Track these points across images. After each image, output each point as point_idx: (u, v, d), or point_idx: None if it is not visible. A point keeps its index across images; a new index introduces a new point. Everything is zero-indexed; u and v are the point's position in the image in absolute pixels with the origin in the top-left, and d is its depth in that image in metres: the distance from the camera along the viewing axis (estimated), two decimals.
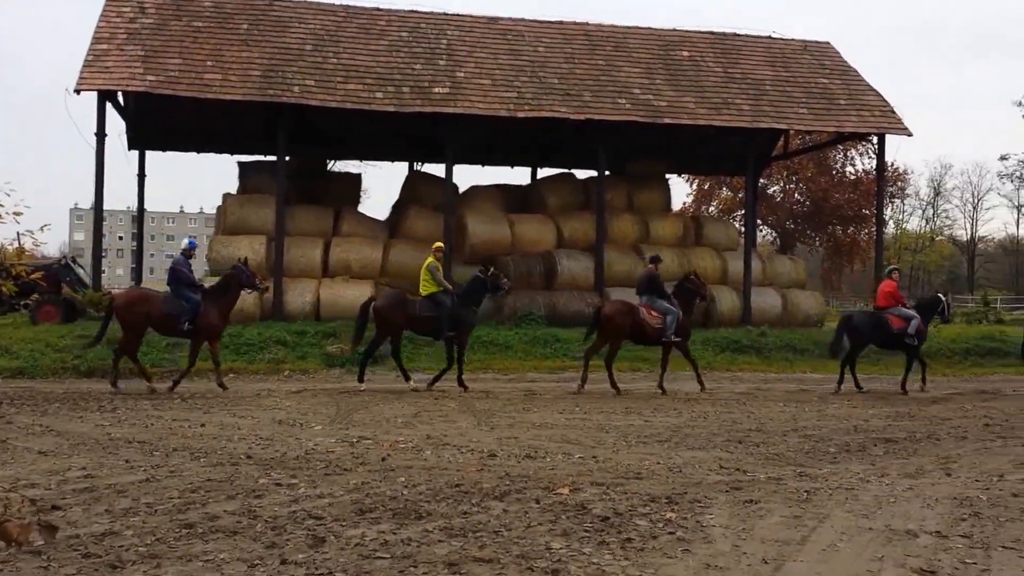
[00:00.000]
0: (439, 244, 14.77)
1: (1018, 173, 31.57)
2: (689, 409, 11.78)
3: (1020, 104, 28.77)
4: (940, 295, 16.35)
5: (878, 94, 24.11)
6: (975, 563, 5.08)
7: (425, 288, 13.85)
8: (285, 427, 9.69)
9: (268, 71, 20.48)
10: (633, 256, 23.18)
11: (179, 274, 13.25)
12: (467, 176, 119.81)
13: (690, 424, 10.38)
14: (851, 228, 45.71)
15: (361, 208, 25.69)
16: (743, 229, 31.18)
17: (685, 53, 23.87)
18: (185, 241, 13.84)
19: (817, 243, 48.87)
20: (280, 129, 20.60)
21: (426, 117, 20.90)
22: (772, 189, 46.78)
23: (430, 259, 14.01)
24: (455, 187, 23.09)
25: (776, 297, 23.73)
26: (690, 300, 14.22)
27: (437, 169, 25.14)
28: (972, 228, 69.10)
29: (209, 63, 20.40)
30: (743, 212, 35.16)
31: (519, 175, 42.41)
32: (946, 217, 68.67)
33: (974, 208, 68.78)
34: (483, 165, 28.98)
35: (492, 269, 14.68)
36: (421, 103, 20.44)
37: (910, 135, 23.25)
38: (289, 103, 20.06)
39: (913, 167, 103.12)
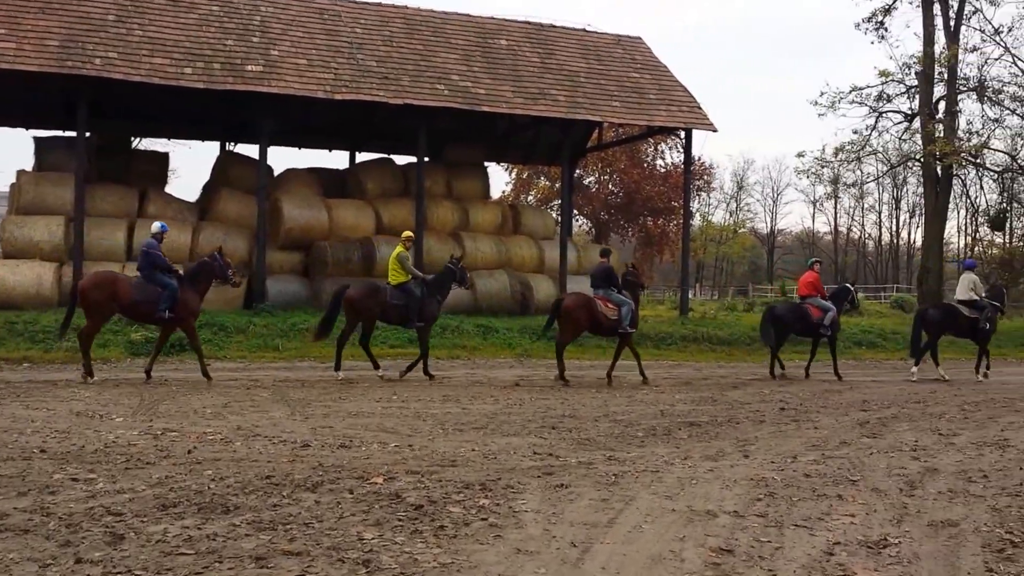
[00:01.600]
0: (409, 233, 14.66)
1: (813, 170, 33.78)
2: (506, 396, 11.90)
3: (816, 104, 30.56)
4: (848, 285, 17.34)
5: (686, 90, 25.18)
6: (769, 541, 5.31)
7: (395, 277, 13.80)
8: (83, 419, 9.09)
9: (67, 41, 19.11)
10: (452, 243, 23.23)
11: (154, 258, 12.59)
12: (282, 158, 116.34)
13: (506, 411, 10.47)
14: (661, 219, 47.65)
15: (168, 189, 24.68)
16: (559, 218, 31.89)
17: (503, 42, 24.09)
18: (156, 225, 13.23)
19: (630, 233, 50.68)
20: (80, 103, 19.31)
21: (239, 96, 20.11)
22: (587, 180, 48.09)
23: (400, 249, 13.95)
24: (269, 169, 22.39)
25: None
26: (635, 292, 14.62)
27: (251, 150, 24.33)
28: (772, 221, 73.81)
29: (2, 31, 18.85)
30: (560, 202, 35.96)
31: (337, 159, 41.56)
32: (748, 210, 73.01)
33: (774, 202, 73.50)
34: (299, 147, 28.20)
35: (461, 261, 14.73)
36: (233, 81, 19.63)
37: (715, 131, 24.46)
38: (90, 76, 18.81)
39: (718, 162, 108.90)
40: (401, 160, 25.88)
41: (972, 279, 16.79)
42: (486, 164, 27.46)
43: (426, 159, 22.92)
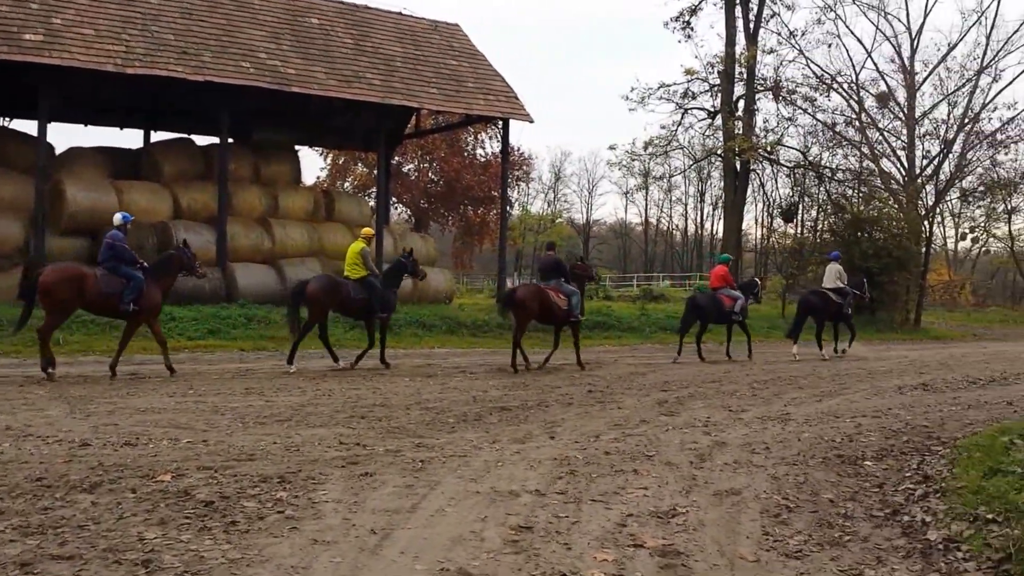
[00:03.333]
0: (369, 230, 15.23)
1: (623, 162, 34.99)
2: (314, 387, 11.56)
3: (627, 99, 31.59)
4: (756, 279, 19.47)
5: (503, 80, 25.36)
6: (567, 516, 5.43)
7: (355, 272, 14.14)
8: None
9: None
10: (259, 230, 22.40)
11: (119, 250, 12.29)
12: (66, 136, 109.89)
13: (314, 402, 10.16)
14: (481, 209, 48.01)
15: None
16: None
17: (314, 20, 23.40)
18: (119, 216, 12.86)
19: (450, 222, 50.82)
20: None
21: (14, 67, 18.44)
22: (407, 167, 47.83)
23: (362, 244, 14.31)
24: (50, 148, 20.73)
25: None
26: (582, 283, 15.51)
27: (29, 126, 22.51)
28: (587, 212, 76.07)
29: None
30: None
31: (130, 138, 39.15)
32: (565, 201, 74.94)
33: (589, 193, 75.78)
34: (86, 125, 26.25)
35: (413, 254, 15.27)
36: (8, 50, 17.95)
37: (531, 121, 24.78)
38: None
39: (537, 152, 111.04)
40: (203, 141, 24.70)
41: (837, 269, 18.94)
42: (298, 148, 26.71)
43: (231, 140, 21.93)
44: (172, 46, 20.04)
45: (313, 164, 65.23)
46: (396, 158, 43.46)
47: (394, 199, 46.22)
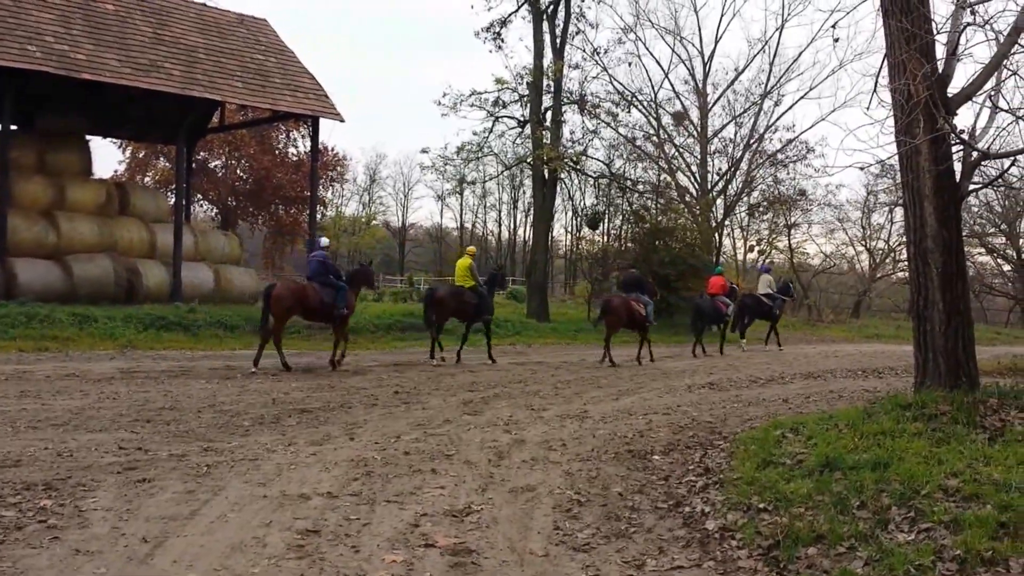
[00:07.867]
0: (473, 248, 18.47)
1: (436, 166, 35.01)
2: (98, 390, 10.82)
3: (439, 104, 31.50)
4: (733, 285, 22.90)
5: (313, 77, 24.79)
6: (359, 518, 5.31)
7: (466, 282, 17.19)
8: None
9: None
10: (43, 223, 20.80)
11: (330, 267, 15.20)
12: None
13: (96, 406, 9.52)
14: (293, 208, 46.72)
15: None
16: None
17: (109, 7, 21.98)
18: (324, 240, 16.36)
19: (260, 221, 49.17)
20: None
21: None
22: (214, 163, 45.92)
23: (469, 261, 17.39)
24: None
25: (208, 272, 23.24)
26: (653, 296, 18.80)
27: None
28: (403, 215, 75.55)
29: None
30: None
31: None
32: (381, 203, 74.07)
33: (405, 196, 75.25)
34: None
35: (502, 269, 19.13)
36: None
37: (342, 121, 24.34)
38: None
39: (352, 154, 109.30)
40: None
41: (768, 279, 24.12)
42: (90, 138, 24.98)
43: (14, 127, 20.25)
44: None
45: (111, 157, 61.52)
46: (202, 153, 41.63)
47: (199, 196, 44.24)
